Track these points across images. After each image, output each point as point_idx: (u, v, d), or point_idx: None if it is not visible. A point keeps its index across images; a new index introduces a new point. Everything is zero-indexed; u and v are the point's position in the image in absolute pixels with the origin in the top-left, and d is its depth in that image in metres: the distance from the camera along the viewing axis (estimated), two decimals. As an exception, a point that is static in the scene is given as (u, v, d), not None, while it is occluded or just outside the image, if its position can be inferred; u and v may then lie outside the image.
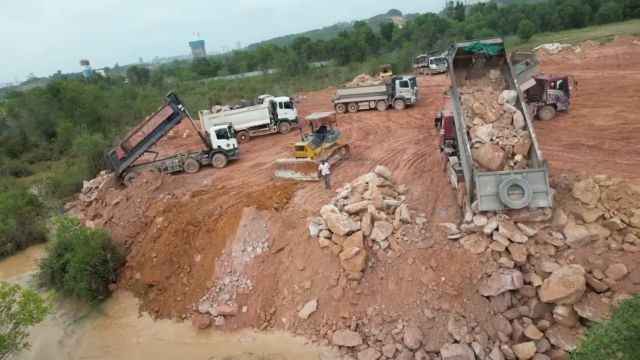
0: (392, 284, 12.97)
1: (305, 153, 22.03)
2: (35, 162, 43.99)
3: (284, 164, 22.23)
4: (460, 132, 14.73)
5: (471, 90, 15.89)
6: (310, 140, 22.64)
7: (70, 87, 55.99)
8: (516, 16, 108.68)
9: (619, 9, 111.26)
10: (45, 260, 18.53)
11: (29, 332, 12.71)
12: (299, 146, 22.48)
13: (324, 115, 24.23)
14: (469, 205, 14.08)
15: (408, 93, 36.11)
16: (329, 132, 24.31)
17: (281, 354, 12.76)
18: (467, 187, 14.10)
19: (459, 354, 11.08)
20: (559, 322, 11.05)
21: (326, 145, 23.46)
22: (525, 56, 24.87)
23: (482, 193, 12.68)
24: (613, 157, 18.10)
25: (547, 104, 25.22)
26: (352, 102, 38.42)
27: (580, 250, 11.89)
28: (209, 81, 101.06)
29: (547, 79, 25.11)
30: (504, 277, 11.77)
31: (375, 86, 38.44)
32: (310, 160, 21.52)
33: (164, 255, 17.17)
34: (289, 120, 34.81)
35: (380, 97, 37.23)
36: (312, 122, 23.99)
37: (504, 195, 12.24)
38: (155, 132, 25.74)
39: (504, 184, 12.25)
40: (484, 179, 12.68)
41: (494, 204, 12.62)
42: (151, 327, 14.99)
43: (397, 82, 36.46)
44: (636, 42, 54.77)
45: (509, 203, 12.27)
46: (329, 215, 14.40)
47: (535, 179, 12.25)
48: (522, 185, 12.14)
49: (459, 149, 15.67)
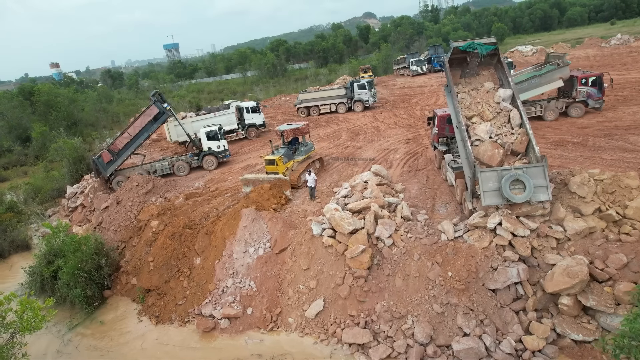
0: (399, 280, 13.12)
1: (276, 167, 20.04)
2: (9, 168, 42.36)
3: (253, 180, 19.91)
4: (460, 130, 15.03)
5: (467, 89, 16.24)
6: (282, 153, 20.68)
7: (44, 90, 54.22)
8: (489, 19, 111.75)
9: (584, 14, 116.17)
10: (34, 267, 17.86)
11: (27, 342, 12.20)
12: (268, 160, 20.40)
13: (296, 126, 22.24)
14: (469, 200, 14.45)
15: (366, 95, 37.69)
16: (302, 145, 22.37)
17: (290, 354, 12.71)
18: (468, 183, 14.41)
19: (470, 346, 11.30)
20: (564, 311, 11.41)
21: (299, 159, 21.61)
22: (557, 57, 24.90)
23: (485, 188, 12.95)
24: (598, 153, 18.82)
25: (577, 100, 24.69)
26: (314, 105, 39.64)
27: (581, 242, 12.32)
28: (186, 84, 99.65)
29: (579, 75, 24.42)
30: (510, 270, 12.07)
31: (335, 90, 40.05)
32: (282, 177, 19.53)
33: (162, 259, 16.81)
34: (256, 125, 34.52)
35: (340, 100, 38.67)
36: (284, 133, 21.80)
37: (506, 190, 12.53)
38: (141, 132, 25.12)
39: (505, 179, 12.54)
40: (486, 175, 12.95)
41: (497, 198, 12.89)
42: (152, 332, 14.67)
43: (355, 85, 38.03)
44: (604, 44, 57.24)
45: (511, 197, 12.56)
46: (332, 214, 14.43)
47: (535, 174, 12.60)
48: (524, 180, 12.47)
49: (458, 146, 15.96)
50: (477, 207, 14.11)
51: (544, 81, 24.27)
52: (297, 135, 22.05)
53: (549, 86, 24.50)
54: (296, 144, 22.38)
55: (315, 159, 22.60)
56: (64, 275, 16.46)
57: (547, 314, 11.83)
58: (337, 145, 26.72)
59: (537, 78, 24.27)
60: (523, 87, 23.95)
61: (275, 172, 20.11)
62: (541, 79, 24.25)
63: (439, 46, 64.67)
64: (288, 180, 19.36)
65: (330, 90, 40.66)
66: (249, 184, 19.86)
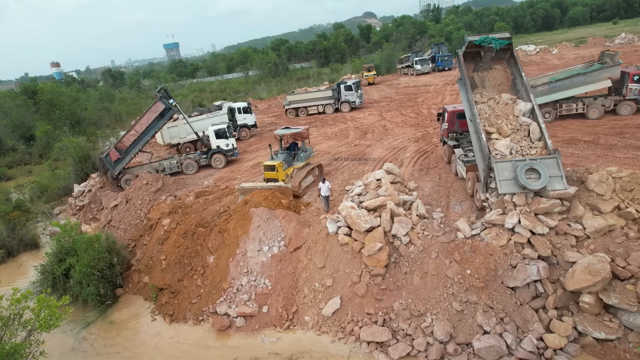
0: (417, 278, 13.05)
1: (276, 174, 18.94)
2: (13, 167, 42.23)
3: (251, 189, 18.50)
4: (474, 123, 15.27)
5: (485, 99, 16.10)
6: (282, 158, 19.55)
7: (47, 89, 54.17)
8: (491, 19, 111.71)
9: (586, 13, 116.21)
10: (45, 266, 17.79)
11: (44, 340, 12.13)
12: (268, 166, 19.25)
13: (295, 130, 20.85)
14: (481, 191, 14.80)
15: (353, 96, 38.56)
16: (301, 150, 21.02)
17: (308, 352, 12.63)
18: (481, 175, 14.76)
19: (491, 344, 11.23)
20: (585, 310, 11.35)
21: (298, 165, 20.40)
22: (610, 56, 23.96)
23: (501, 178, 13.28)
24: (611, 151, 18.77)
25: (627, 98, 23.47)
26: (302, 107, 40.41)
27: (600, 239, 12.26)
28: (188, 83, 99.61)
29: (631, 71, 23.08)
30: (530, 268, 12.00)
31: (323, 91, 40.88)
32: (283, 185, 18.32)
33: (175, 258, 16.73)
34: (248, 126, 34.51)
35: (327, 101, 39.47)
36: (282, 138, 20.55)
37: (521, 177, 12.83)
38: (148, 129, 25.01)
39: (521, 167, 12.92)
40: (501, 165, 13.36)
41: (513, 187, 13.17)
42: (167, 331, 14.59)
43: (342, 86, 38.85)
44: (608, 43, 57.21)
45: (527, 184, 12.83)
46: (348, 211, 14.36)
47: (549, 165, 12.97)
48: (538, 168, 12.81)
49: (471, 138, 16.06)
50: (489, 198, 14.36)
51: (589, 80, 23.30)
52: (297, 139, 20.82)
53: (594, 85, 23.39)
54: (295, 149, 21.16)
55: (315, 166, 21.38)
56: (76, 273, 16.41)
57: (567, 312, 11.77)
58: (345, 144, 26.65)
59: (581, 76, 23.35)
60: (564, 84, 23.36)
61: (274, 179, 19.02)
62: (586, 78, 23.30)
63: (443, 44, 64.45)
64: (290, 188, 18.19)
65: (318, 91, 41.52)
66: (246, 194, 18.38)
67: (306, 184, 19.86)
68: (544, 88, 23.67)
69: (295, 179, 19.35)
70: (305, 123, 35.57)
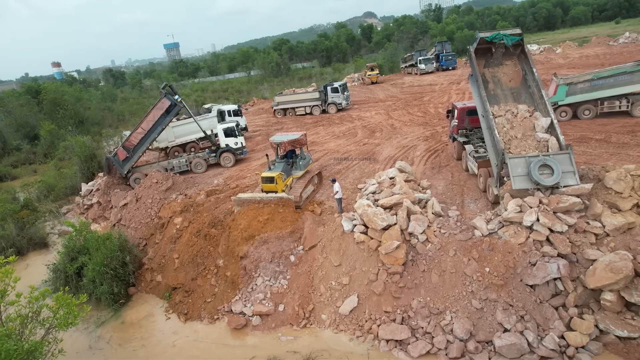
0: (435, 276, 13.01)
1: (276, 186, 17.22)
2: (18, 166, 42.18)
3: (248, 200, 17.22)
4: (487, 119, 15.38)
5: (503, 111, 15.97)
6: (280, 169, 18.04)
7: (51, 88, 54.11)
8: (492, 18, 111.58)
9: (588, 13, 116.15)
10: (57, 265, 17.75)
11: (62, 338, 12.09)
12: (266, 178, 17.54)
13: (293, 137, 19.25)
14: (494, 186, 14.96)
15: (339, 98, 38.93)
16: (300, 158, 19.49)
17: (327, 351, 12.58)
18: (494, 170, 14.88)
19: (512, 342, 11.19)
20: (607, 307, 11.30)
21: (298, 174, 18.92)
22: None
23: (514, 174, 13.40)
24: (624, 149, 18.72)
25: None
26: (290, 107, 40.96)
27: (620, 237, 12.20)
28: (190, 83, 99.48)
29: None
30: (550, 266, 11.96)
31: (310, 93, 41.52)
32: (285, 196, 16.89)
33: (188, 256, 16.70)
34: None
35: (314, 102, 39.87)
36: (279, 145, 19.06)
37: (535, 172, 12.98)
38: (155, 127, 24.85)
39: (534, 163, 13.09)
40: (515, 161, 13.51)
41: (526, 182, 13.31)
42: (183, 330, 14.55)
43: (329, 88, 39.29)
44: (612, 43, 57.16)
45: (540, 180, 12.97)
46: (365, 210, 14.32)
47: (562, 161, 13.18)
48: (551, 164, 12.97)
49: (484, 134, 16.10)
50: (501, 193, 14.41)
51: (635, 79, 22.61)
52: (295, 147, 19.27)
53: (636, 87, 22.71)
54: (293, 157, 19.62)
55: (314, 174, 19.93)
56: (89, 271, 16.38)
57: (587, 310, 11.72)
58: (354, 143, 26.60)
59: (627, 75, 22.70)
60: (607, 83, 22.96)
61: (274, 192, 17.39)
62: (632, 77, 22.63)
63: (446, 42, 64.02)
64: (291, 200, 16.89)
65: (305, 93, 42.14)
66: (243, 205, 17.28)
67: (307, 194, 18.41)
68: (585, 85, 23.35)
69: (295, 190, 17.76)
70: (313, 122, 35.53)
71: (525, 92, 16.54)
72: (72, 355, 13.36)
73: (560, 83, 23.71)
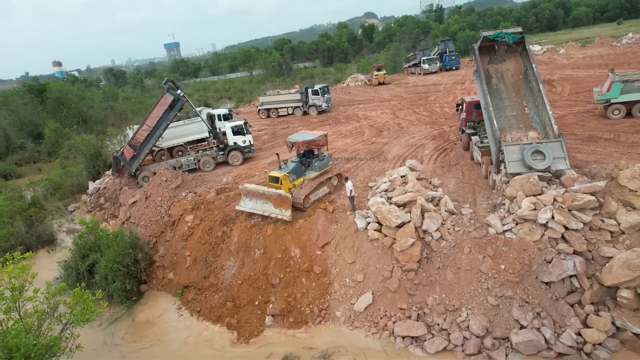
0: (450, 273, 13.05)
1: (280, 187, 17.02)
2: (22, 165, 42.17)
3: (253, 191, 17.19)
4: (487, 111, 16.41)
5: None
6: (291, 168, 17.62)
7: (55, 87, 54.09)
8: (494, 19, 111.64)
9: (589, 13, 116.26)
10: (68, 262, 17.77)
11: (79, 334, 12.11)
12: (272, 177, 17.35)
13: (310, 137, 18.57)
14: (494, 172, 16.17)
15: (319, 101, 39.02)
16: (317, 159, 18.83)
17: (343, 347, 12.62)
18: (493, 157, 16.11)
19: (529, 338, 11.24)
20: (623, 305, 11.35)
21: (311, 176, 18.19)
22: None
23: (509, 159, 14.61)
24: (634, 148, 18.76)
25: None
26: (273, 108, 41.43)
27: (636, 235, 12.25)
28: (191, 82, 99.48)
29: None
30: (566, 263, 12.01)
31: (292, 94, 41.58)
32: (283, 194, 16.54)
33: (200, 254, 16.73)
34: None
35: (295, 104, 40.40)
36: (295, 145, 18.44)
37: (528, 158, 14.13)
38: (159, 123, 24.70)
39: (527, 149, 14.24)
40: (510, 148, 14.69)
41: (520, 167, 14.48)
42: (195, 327, 14.57)
43: (310, 90, 39.53)
44: (615, 43, 57.21)
45: (533, 164, 14.14)
46: (379, 207, 14.35)
47: (554, 148, 14.27)
48: (543, 150, 14.11)
49: (485, 125, 17.41)
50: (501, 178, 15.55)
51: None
52: (312, 148, 18.65)
53: None
54: (309, 158, 19.06)
55: (333, 175, 19.10)
56: (101, 269, 16.42)
57: (604, 307, 11.77)
58: (362, 142, 26.61)
59: None
60: None
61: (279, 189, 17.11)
62: None
63: (450, 40, 63.60)
64: (290, 199, 16.45)
65: (288, 94, 42.42)
66: (248, 196, 17.30)
67: (317, 196, 17.84)
68: None
69: (302, 191, 17.28)
70: (319, 122, 35.55)
71: (526, 86, 17.53)
72: (88, 351, 13.35)
73: (615, 80, 22.52)
